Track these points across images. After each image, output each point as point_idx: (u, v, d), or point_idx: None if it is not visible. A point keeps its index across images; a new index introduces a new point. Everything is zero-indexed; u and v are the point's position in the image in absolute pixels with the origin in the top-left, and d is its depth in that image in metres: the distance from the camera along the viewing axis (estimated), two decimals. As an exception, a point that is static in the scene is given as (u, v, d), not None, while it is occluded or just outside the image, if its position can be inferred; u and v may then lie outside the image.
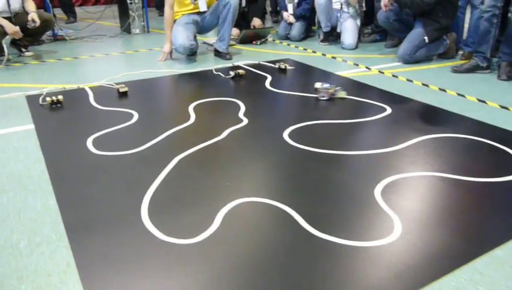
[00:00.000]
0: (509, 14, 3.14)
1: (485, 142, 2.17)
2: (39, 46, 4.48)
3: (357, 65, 3.74)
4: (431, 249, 1.39)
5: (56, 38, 4.79)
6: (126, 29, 5.21)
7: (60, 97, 2.70)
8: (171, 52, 3.93)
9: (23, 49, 4.02)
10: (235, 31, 4.62)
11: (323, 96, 2.80)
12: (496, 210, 1.61)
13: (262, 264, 1.32)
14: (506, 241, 1.43)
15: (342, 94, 2.82)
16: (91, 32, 5.18)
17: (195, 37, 3.91)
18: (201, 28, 4.01)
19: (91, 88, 3.04)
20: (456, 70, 3.49)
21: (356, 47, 4.39)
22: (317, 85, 2.91)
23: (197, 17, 3.87)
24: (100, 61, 3.91)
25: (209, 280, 1.26)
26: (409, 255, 1.36)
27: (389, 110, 2.61)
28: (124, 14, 5.22)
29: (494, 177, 1.83)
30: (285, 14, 4.79)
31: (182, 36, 3.66)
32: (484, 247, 1.40)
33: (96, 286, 1.24)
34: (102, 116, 2.53)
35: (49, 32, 4.71)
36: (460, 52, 4.01)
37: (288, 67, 3.54)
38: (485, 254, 1.37)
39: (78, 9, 6.20)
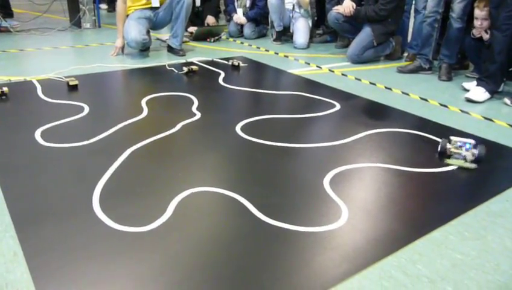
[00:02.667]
0: (450, 20, 3.35)
1: (425, 137, 2.30)
2: (-19, 38, 4.27)
3: (309, 64, 3.85)
4: (375, 232, 1.47)
5: (0, 29, 4.58)
6: (76, 23, 5.06)
7: (5, 89, 2.60)
8: (123, 47, 3.87)
9: None
10: (192, 29, 4.62)
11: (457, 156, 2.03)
12: (434, 197, 1.72)
13: (215, 250, 1.35)
14: (443, 225, 1.53)
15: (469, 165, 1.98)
16: (38, 25, 5.00)
17: (148, 32, 3.87)
18: (155, 24, 3.98)
19: (39, 81, 2.95)
20: (401, 70, 3.67)
21: (308, 47, 4.51)
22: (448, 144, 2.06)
23: (150, 13, 3.84)
24: (48, 54, 3.78)
25: (162, 265, 1.27)
26: (354, 238, 1.43)
27: (338, 106, 2.72)
28: (74, 7, 5.07)
29: (432, 168, 1.95)
30: (235, 16, 4.85)
31: (134, 31, 3.62)
32: (423, 230, 1.50)
33: (44, 275, 1.22)
34: (51, 109, 2.46)
35: (-8, 23, 4.51)
36: (405, 54, 4.22)
37: (242, 64, 3.59)
38: (423, 236, 1.47)
39: (24, 1, 5.93)
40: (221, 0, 5.76)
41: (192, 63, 3.58)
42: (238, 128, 2.30)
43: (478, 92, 2.95)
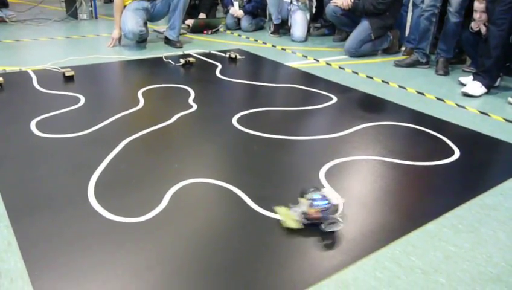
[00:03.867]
0: (448, 14, 3.34)
1: (421, 130, 2.31)
2: (-24, 28, 4.24)
3: (306, 57, 3.84)
4: (369, 224, 1.48)
5: (-5, 20, 4.55)
6: (72, 14, 5.03)
7: (0, 79, 2.58)
8: (120, 38, 3.85)
9: None
10: (189, 21, 4.60)
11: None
12: (429, 190, 1.73)
13: (210, 241, 1.35)
14: (437, 217, 1.54)
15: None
16: (34, 15, 4.96)
17: (145, 23, 3.86)
18: (152, 16, 3.96)
19: (34, 71, 2.93)
20: (398, 64, 3.67)
21: (305, 40, 4.50)
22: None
23: (147, 4, 3.82)
24: (44, 45, 3.76)
25: (157, 255, 1.27)
26: (349, 230, 1.44)
27: (334, 99, 2.72)
28: (70, -2, 5.04)
29: (428, 161, 1.96)
30: (232, 9, 4.83)
31: (131, 22, 3.60)
32: (417, 222, 1.51)
33: (39, 264, 1.22)
34: (46, 100, 2.45)
35: (-13, 13, 4.48)
36: (403, 48, 4.21)
37: (239, 56, 3.58)
38: (417, 228, 1.48)
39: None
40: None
41: (189, 55, 3.57)
42: (234, 120, 2.30)
43: (474, 87, 2.95)
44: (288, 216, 1.42)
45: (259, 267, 1.25)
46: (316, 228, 1.40)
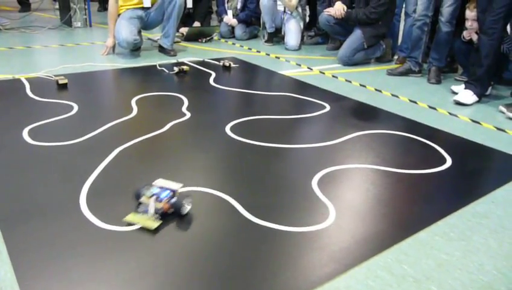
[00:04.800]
0: (439, 24, 3.38)
1: (414, 138, 2.32)
2: (-30, 35, 4.23)
3: (300, 65, 3.86)
4: (362, 233, 1.48)
5: (-11, 27, 4.54)
6: (67, 22, 5.04)
7: (-7, 87, 2.58)
8: (113, 47, 3.85)
9: None
10: (183, 29, 4.62)
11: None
12: (421, 198, 1.74)
13: (203, 250, 1.35)
14: (429, 225, 1.55)
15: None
16: (28, 23, 4.96)
17: (139, 32, 3.86)
18: (146, 24, 3.97)
19: (27, 79, 2.92)
20: (391, 73, 3.70)
21: (299, 48, 4.53)
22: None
23: (141, 12, 3.83)
24: (38, 53, 3.76)
25: (149, 264, 1.27)
26: (342, 238, 1.44)
27: (328, 108, 2.73)
28: (65, 6, 5.04)
29: (420, 169, 1.97)
30: (226, 18, 4.86)
31: (126, 31, 3.61)
32: (409, 230, 1.51)
33: (29, 274, 1.21)
34: (39, 108, 2.44)
35: (-19, 21, 4.47)
36: (396, 57, 4.25)
37: (233, 65, 3.59)
38: (409, 236, 1.48)
39: (13, -1, 5.90)
40: (213, 1, 5.76)
41: (183, 63, 3.58)
42: (227, 128, 2.30)
43: (466, 95, 2.98)
44: (144, 220, 1.43)
45: (252, 275, 1.25)
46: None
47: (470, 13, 3.13)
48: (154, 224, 1.42)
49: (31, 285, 1.16)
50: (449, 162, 2.06)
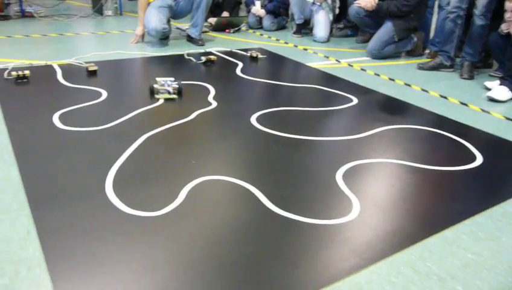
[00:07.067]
0: (473, 17, 3.27)
1: (443, 135, 2.26)
2: (6, 22, 4.34)
3: (328, 57, 3.82)
4: (385, 228, 1.46)
5: (24, 14, 4.66)
6: (98, 10, 5.12)
7: (27, 72, 2.65)
8: (143, 35, 3.89)
9: None
10: (212, 19, 4.63)
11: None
12: (448, 196, 1.69)
13: (224, 238, 1.36)
14: (456, 224, 1.51)
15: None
16: (61, 11, 5.07)
17: (168, 21, 3.89)
18: (175, 13, 3.99)
19: (59, 65, 2.99)
20: (422, 67, 3.61)
21: (328, 40, 4.47)
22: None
23: (171, 2, 3.85)
24: (70, 40, 3.83)
25: (171, 250, 1.28)
26: (364, 233, 1.42)
27: (355, 101, 2.69)
28: (97, -6, 5.12)
29: (448, 166, 1.92)
30: (254, 8, 4.85)
31: (155, 19, 3.64)
32: (434, 228, 1.48)
33: (56, 253, 1.24)
34: (70, 93, 2.50)
35: (17, 8, 4.59)
36: (427, 51, 4.14)
37: (260, 56, 3.58)
38: (435, 234, 1.45)
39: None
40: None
41: (210, 53, 3.58)
42: (253, 119, 2.30)
43: (501, 91, 2.88)
44: (167, 95, 2.44)
45: (272, 266, 1.24)
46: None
47: (509, 4, 3.00)
48: (175, 96, 2.44)
49: (58, 264, 1.20)
50: (479, 160, 2.00)
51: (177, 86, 2.53)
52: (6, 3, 4.37)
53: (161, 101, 2.46)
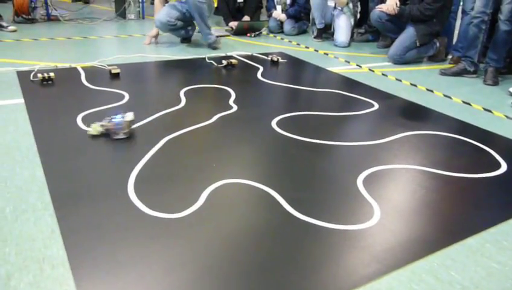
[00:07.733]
0: (498, 22, 3.22)
1: (466, 141, 2.23)
2: (32, 25, 4.45)
3: (348, 62, 3.79)
4: (406, 235, 1.44)
5: (50, 18, 4.77)
6: (121, 14, 5.20)
7: (52, 74, 2.70)
8: (156, 36, 3.96)
9: (5, 24, 4.02)
10: (233, 23, 4.65)
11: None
12: (472, 203, 1.66)
13: (244, 242, 1.36)
14: (479, 232, 1.48)
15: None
16: (85, 14, 5.16)
17: (178, 19, 3.84)
18: (186, 18, 3.94)
19: (83, 68, 3.04)
20: (444, 73, 3.56)
21: (349, 45, 4.45)
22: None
23: (182, 7, 3.85)
24: (93, 43, 3.90)
25: (191, 252, 1.29)
26: (385, 239, 1.41)
27: (376, 106, 2.67)
28: (120, -2, 5.21)
29: (471, 173, 1.89)
30: (275, 13, 4.87)
31: (162, 12, 3.80)
32: (457, 236, 1.46)
33: (79, 252, 1.26)
34: (93, 95, 2.54)
35: (43, 12, 4.70)
36: (450, 56, 4.08)
37: (281, 60, 3.58)
38: (457, 242, 1.43)
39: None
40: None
41: (231, 57, 3.60)
42: (274, 123, 2.30)
43: (526, 98, 2.82)
44: (95, 128, 1.99)
45: (292, 270, 1.24)
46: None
47: None
48: (96, 131, 1.99)
49: (81, 264, 1.22)
50: (504, 167, 1.96)
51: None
52: (32, 7, 4.47)
53: (182, 104, 2.48)
